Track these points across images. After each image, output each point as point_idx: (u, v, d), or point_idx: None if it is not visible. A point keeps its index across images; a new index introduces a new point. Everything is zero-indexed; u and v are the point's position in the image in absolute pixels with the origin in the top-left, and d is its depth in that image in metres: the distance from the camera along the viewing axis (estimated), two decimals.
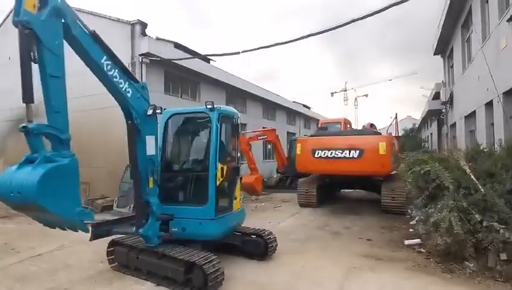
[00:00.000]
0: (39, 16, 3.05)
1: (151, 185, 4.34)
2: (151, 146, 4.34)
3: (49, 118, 3.23)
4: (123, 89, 3.96)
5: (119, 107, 4.22)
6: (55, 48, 3.19)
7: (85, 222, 3.30)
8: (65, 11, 3.32)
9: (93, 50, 3.61)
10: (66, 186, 3.06)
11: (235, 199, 5.09)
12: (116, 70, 3.87)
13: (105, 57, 3.73)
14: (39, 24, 3.03)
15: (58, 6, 3.23)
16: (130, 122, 4.21)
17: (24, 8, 2.95)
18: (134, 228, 4.44)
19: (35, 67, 3.12)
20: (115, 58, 3.88)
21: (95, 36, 3.63)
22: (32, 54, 3.03)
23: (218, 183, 4.56)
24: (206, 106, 4.63)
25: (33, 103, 3.14)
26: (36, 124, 3.07)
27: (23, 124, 3.01)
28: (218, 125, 4.63)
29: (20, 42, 3.00)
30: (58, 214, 3.01)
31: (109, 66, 3.78)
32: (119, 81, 3.91)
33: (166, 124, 5.15)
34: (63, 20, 3.29)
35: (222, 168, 4.63)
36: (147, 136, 4.27)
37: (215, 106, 4.64)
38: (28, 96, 3.07)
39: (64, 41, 3.34)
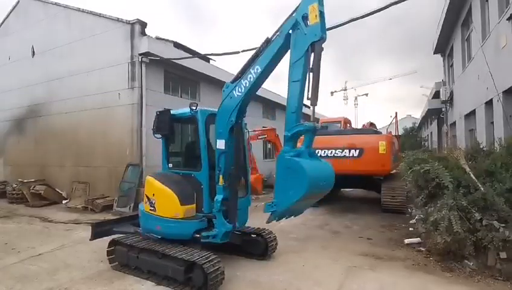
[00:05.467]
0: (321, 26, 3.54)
1: (221, 181, 4.42)
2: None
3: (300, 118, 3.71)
4: None
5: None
6: None
7: None
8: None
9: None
10: None
11: None
12: None
13: None
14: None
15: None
16: (240, 122, 4.44)
17: (310, 22, 3.53)
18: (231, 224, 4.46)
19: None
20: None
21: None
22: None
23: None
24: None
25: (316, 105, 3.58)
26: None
27: (312, 124, 3.62)
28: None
29: (319, 57, 3.49)
30: None
31: None
32: None
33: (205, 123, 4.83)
34: None
35: None
36: None
37: None
38: (316, 99, 3.55)
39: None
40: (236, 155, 4.41)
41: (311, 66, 3.53)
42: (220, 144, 4.33)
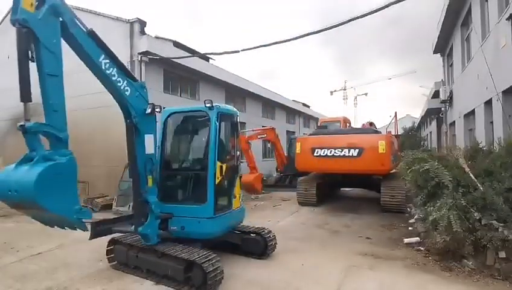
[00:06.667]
0: (37, 15, 3.03)
1: (150, 183, 4.34)
2: (150, 145, 4.32)
3: (47, 116, 3.21)
4: (121, 88, 3.94)
5: (118, 106, 4.21)
6: (53, 46, 3.16)
7: (83, 220, 3.29)
8: (63, 10, 3.31)
9: (91, 48, 3.59)
10: (63, 184, 3.05)
11: (234, 197, 5.06)
12: (114, 69, 3.85)
13: (103, 56, 3.71)
14: (37, 22, 3.03)
15: (56, 5, 3.21)
16: (128, 121, 4.18)
17: (22, 6, 2.95)
18: (132, 227, 4.45)
19: (33, 67, 3.12)
20: (113, 57, 3.84)
21: (92, 34, 3.61)
22: (30, 53, 3.02)
23: (216, 181, 4.55)
24: (205, 104, 4.62)
25: (31, 101, 3.12)
26: (34, 122, 3.05)
27: (21, 123, 3.01)
28: (217, 124, 4.62)
29: (18, 41, 2.99)
30: (56, 213, 3.03)
31: (107, 65, 3.76)
32: (118, 79, 3.89)
33: (165, 122, 5.14)
34: (60, 19, 3.29)
35: (221, 167, 4.63)
36: (145, 135, 4.26)
37: (214, 105, 4.63)
38: (25, 95, 3.07)
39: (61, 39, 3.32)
40: (128, 156, 4.23)
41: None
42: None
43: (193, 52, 12.77)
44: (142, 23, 10.63)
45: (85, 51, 3.56)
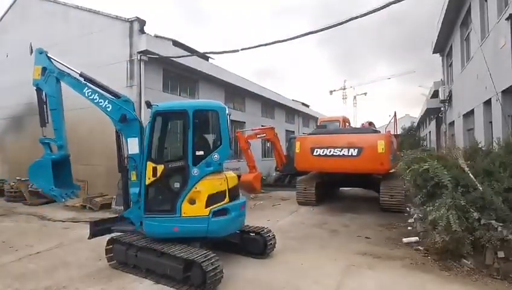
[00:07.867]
0: (43, 80, 5.45)
1: (133, 178, 4.90)
2: (132, 146, 4.95)
3: (54, 132, 5.47)
4: (103, 106, 5.09)
5: None
6: (54, 92, 5.40)
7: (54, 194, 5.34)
8: (53, 71, 5.42)
9: (76, 86, 5.26)
10: (41, 172, 5.31)
11: (192, 203, 4.47)
12: (96, 94, 5.14)
13: (86, 88, 5.18)
14: (42, 84, 5.44)
15: (51, 70, 5.42)
16: (115, 128, 5.11)
17: (33, 78, 5.48)
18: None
19: None
20: (98, 84, 5.22)
21: (81, 75, 5.24)
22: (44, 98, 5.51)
23: (147, 182, 4.61)
24: (145, 103, 5.06)
25: (45, 126, 5.51)
26: (41, 137, 5.49)
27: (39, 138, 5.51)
28: (151, 123, 4.72)
29: (37, 95, 5.53)
30: (38, 187, 6.12)
31: (89, 93, 5.17)
32: (100, 101, 5.11)
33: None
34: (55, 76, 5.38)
35: (154, 168, 4.57)
36: (128, 138, 4.98)
37: (153, 104, 4.87)
38: (42, 122, 5.53)
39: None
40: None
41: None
42: None
43: (192, 51, 12.76)
44: (142, 22, 10.60)
45: (73, 87, 5.31)
